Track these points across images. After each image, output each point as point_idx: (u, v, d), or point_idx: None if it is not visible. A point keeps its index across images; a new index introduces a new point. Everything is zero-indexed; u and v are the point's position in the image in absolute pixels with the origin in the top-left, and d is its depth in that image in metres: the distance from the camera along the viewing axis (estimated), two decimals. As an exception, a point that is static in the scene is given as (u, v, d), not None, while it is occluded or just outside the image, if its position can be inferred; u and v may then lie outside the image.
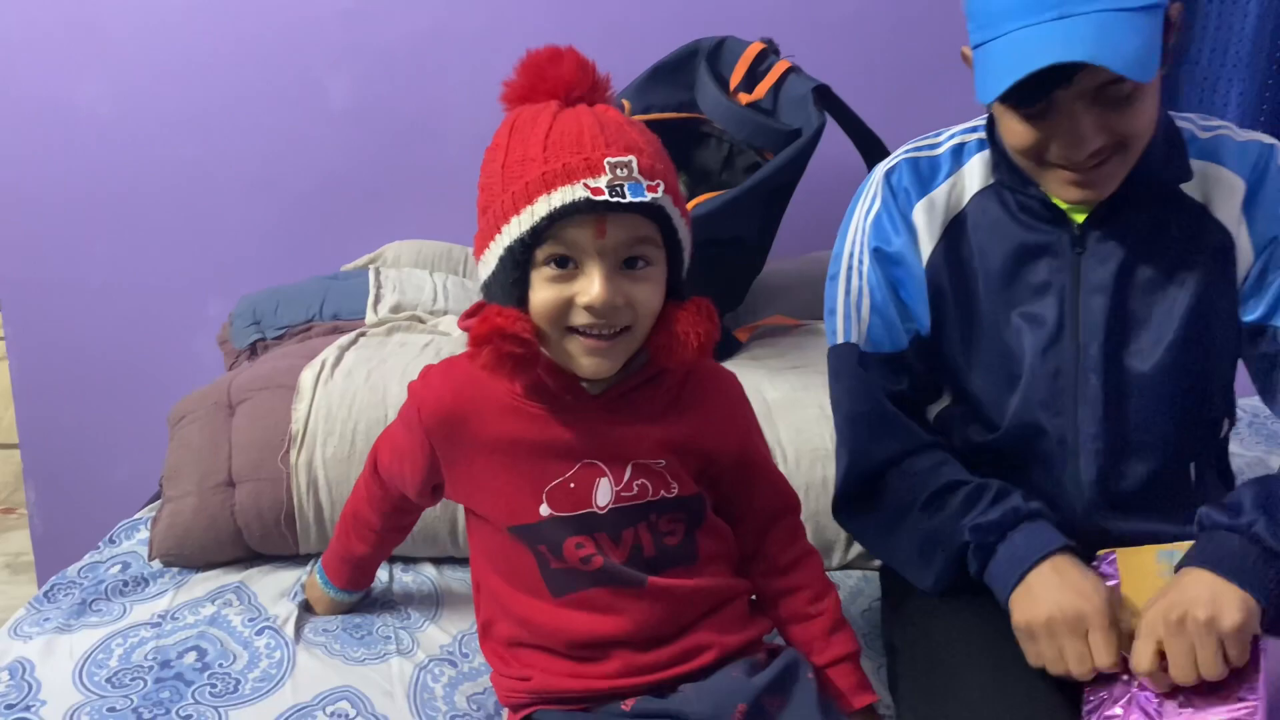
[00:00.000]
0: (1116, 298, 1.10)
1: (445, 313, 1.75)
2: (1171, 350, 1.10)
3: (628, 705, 1.04)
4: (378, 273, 1.86)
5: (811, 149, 1.57)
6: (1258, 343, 1.12)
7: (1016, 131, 1.04)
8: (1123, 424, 1.12)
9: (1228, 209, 1.09)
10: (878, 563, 1.40)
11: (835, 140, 1.79)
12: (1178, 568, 1.00)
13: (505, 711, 1.15)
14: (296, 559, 1.42)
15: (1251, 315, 1.11)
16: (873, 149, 1.69)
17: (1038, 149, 1.04)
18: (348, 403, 1.43)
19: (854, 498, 1.18)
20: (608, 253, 0.92)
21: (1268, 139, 1.12)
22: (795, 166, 1.57)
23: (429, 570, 1.43)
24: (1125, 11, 0.96)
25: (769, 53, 1.69)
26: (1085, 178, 1.04)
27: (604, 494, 1.02)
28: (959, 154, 1.17)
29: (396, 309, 1.75)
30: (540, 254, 0.92)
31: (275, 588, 1.35)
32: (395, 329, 1.64)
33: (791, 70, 1.65)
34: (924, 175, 1.17)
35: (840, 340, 1.19)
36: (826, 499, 1.41)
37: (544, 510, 1.01)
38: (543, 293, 0.93)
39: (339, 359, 1.51)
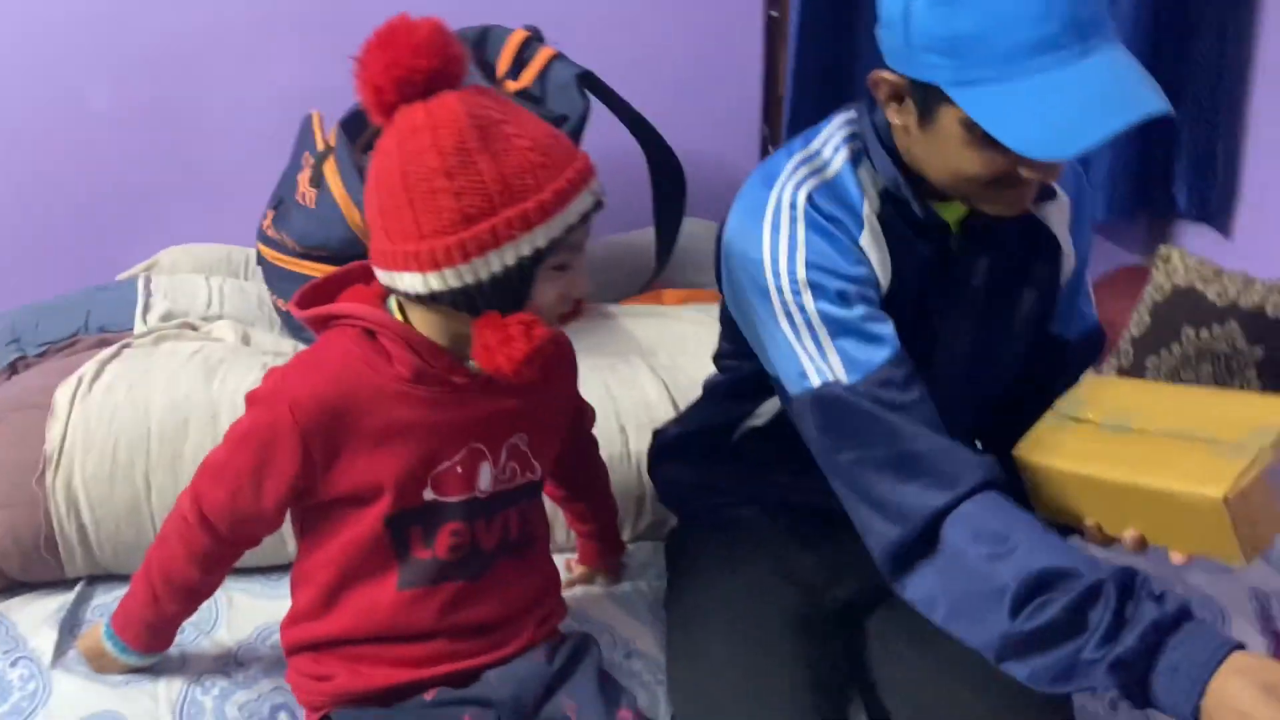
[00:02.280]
0: (985, 307, 1.11)
1: (220, 318, 1.70)
2: (1017, 356, 1.15)
3: (430, 695, 1.06)
4: (147, 280, 1.78)
5: (578, 133, 1.60)
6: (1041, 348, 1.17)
7: (984, 161, 0.95)
8: (961, 417, 1.11)
9: (1059, 225, 1.13)
10: (665, 532, 1.44)
11: (614, 126, 1.83)
12: None
13: (281, 714, 1.14)
14: (62, 584, 1.36)
15: (1053, 328, 1.18)
16: (643, 131, 1.73)
17: (1005, 173, 0.96)
18: (107, 419, 1.37)
19: (902, 566, 0.99)
20: (584, 247, 0.99)
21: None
22: (564, 151, 1.58)
23: (209, 583, 1.38)
24: (1115, 41, 0.92)
25: (533, 40, 1.70)
26: (1030, 191, 1.00)
27: (486, 478, 1.05)
28: (855, 168, 1.06)
29: (167, 317, 1.68)
30: (552, 260, 0.95)
31: (37, 616, 1.28)
32: (164, 338, 1.58)
33: (556, 58, 1.67)
34: (845, 200, 1.04)
35: (815, 384, 1.00)
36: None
37: (428, 494, 1.02)
38: (550, 294, 0.96)
39: (98, 374, 1.44)
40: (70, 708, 1.12)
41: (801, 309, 1.01)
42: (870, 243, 1.03)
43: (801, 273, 1.00)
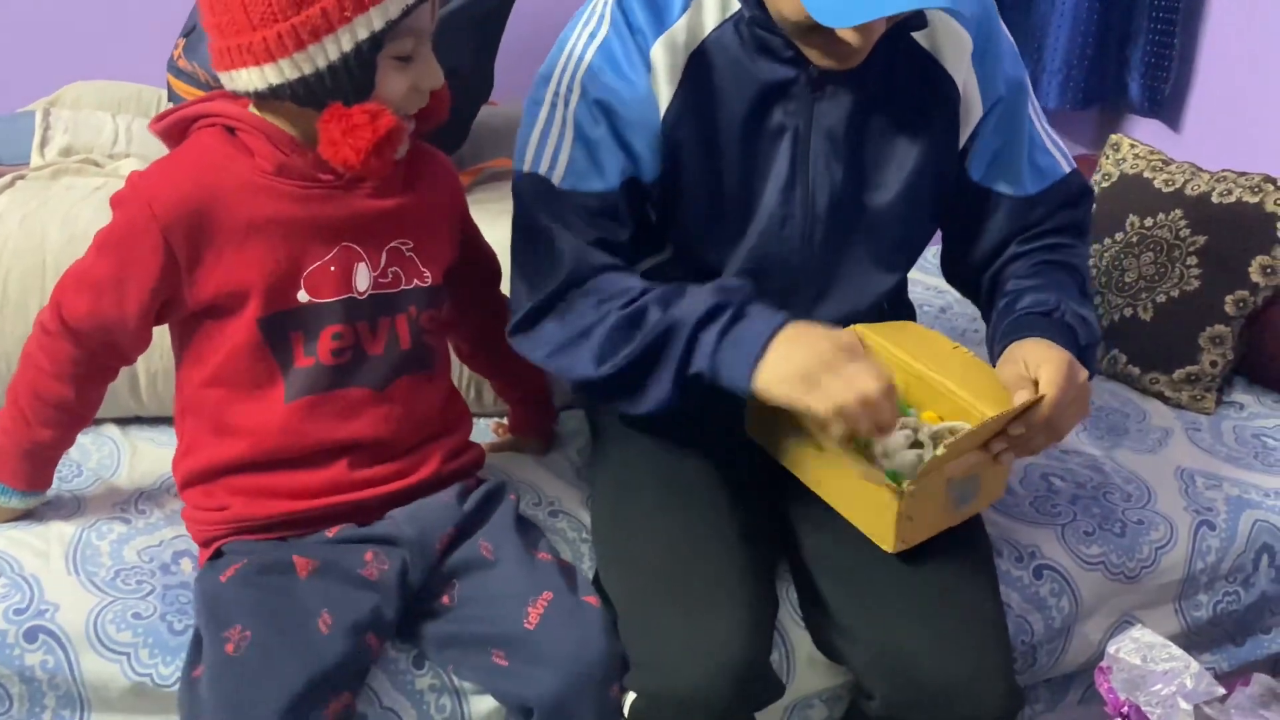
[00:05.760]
0: (848, 143, 1.07)
1: (127, 155, 1.58)
2: (896, 202, 1.09)
3: (332, 532, 1.03)
4: (46, 113, 1.65)
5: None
6: (972, 201, 1.13)
7: (799, 6, 0.94)
8: (839, 267, 1.12)
9: (957, 61, 1.08)
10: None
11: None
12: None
13: (184, 560, 1.09)
14: (-50, 426, 1.27)
15: (977, 175, 1.12)
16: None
17: (817, 26, 0.94)
18: (-4, 250, 1.27)
19: (529, 322, 1.08)
20: (429, 37, 0.97)
21: None
22: (502, -12, 1.49)
23: (112, 430, 1.31)
24: None
25: None
26: (856, 51, 0.98)
27: (363, 279, 1.02)
28: None
29: (67, 152, 1.55)
30: (393, 47, 0.94)
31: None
32: (62, 172, 1.47)
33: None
34: (659, 7, 1.05)
35: (527, 169, 1.07)
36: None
37: (302, 296, 1.00)
38: (396, 85, 0.96)
39: (-11, 203, 1.34)
40: (-48, 549, 1.05)
41: (568, 104, 1.05)
42: (662, 55, 1.04)
43: (584, 69, 1.05)
